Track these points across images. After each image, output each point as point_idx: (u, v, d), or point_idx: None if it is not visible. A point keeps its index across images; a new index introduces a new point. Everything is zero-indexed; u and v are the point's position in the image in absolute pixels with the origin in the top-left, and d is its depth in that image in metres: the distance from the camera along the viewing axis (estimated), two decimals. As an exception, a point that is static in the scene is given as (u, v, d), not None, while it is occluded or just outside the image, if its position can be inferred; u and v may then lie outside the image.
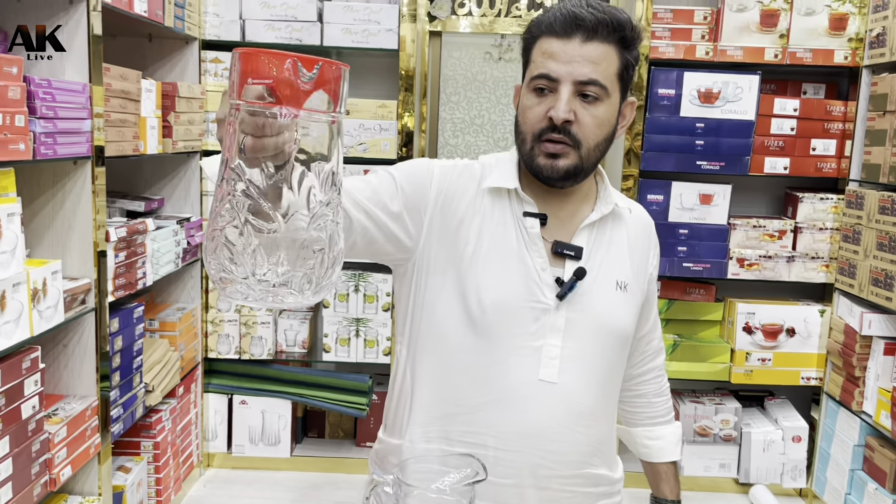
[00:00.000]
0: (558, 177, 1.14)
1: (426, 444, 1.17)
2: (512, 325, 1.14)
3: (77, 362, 2.11)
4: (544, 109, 1.11)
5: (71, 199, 2.05)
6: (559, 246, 1.18)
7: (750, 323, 3.06)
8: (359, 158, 3.02)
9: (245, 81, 0.70)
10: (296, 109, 0.70)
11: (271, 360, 3.16)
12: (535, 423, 1.13)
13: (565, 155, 1.12)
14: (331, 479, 3.13)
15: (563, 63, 1.10)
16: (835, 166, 2.99)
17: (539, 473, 1.14)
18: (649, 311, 1.33)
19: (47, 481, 1.87)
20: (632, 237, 1.25)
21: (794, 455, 3.09)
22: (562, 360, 1.14)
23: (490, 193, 1.19)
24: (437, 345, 1.17)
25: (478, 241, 1.16)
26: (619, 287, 1.20)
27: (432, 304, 1.18)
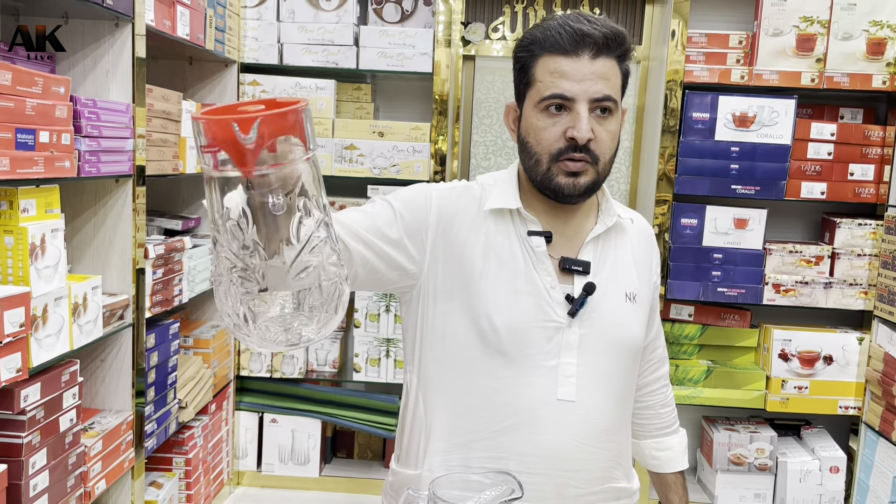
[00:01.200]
0: (579, 194, 1.14)
1: (446, 470, 1.15)
2: (525, 346, 1.13)
3: (114, 377, 2.14)
4: (561, 130, 1.11)
5: (112, 217, 2.09)
6: (566, 262, 1.16)
7: (786, 350, 3.00)
8: (392, 180, 3.05)
9: (202, 147, 0.71)
10: (245, 170, 0.71)
11: (302, 378, 3.18)
12: (557, 444, 1.12)
13: (585, 172, 1.12)
14: (358, 500, 3.12)
15: (577, 82, 1.09)
16: (873, 191, 2.95)
17: (564, 493, 1.14)
18: (653, 320, 1.32)
19: (82, 494, 1.89)
20: (635, 247, 1.25)
21: (832, 486, 3.02)
22: (578, 378, 1.14)
23: (492, 214, 1.18)
24: (450, 370, 1.16)
25: (484, 263, 1.15)
26: (628, 298, 1.20)
27: (442, 329, 1.16)
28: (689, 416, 3.27)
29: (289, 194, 0.75)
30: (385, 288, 1.18)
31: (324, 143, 3.02)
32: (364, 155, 3.02)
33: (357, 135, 3.02)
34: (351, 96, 3.15)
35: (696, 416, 3.30)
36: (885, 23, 2.87)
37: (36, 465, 1.69)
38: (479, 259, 1.15)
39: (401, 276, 1.16)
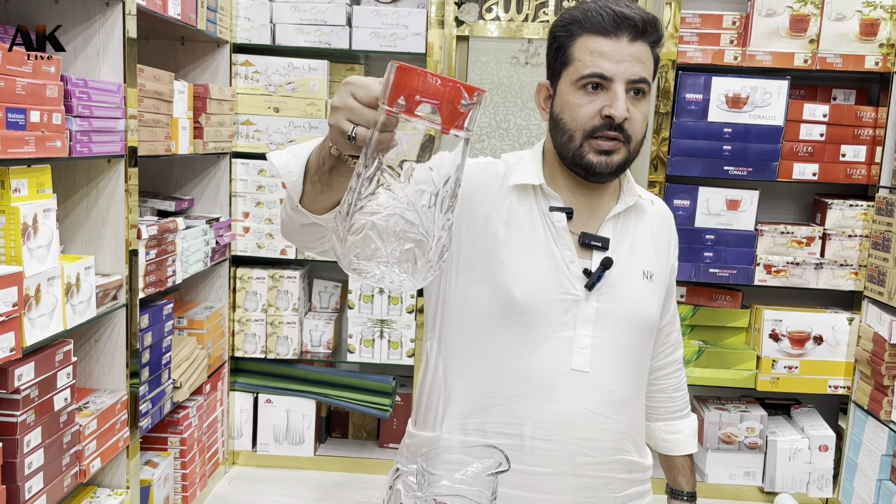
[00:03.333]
0: (610, 172, 1.17)
1: (463, 435, 1.19)
2: (543, 317, 1.16)
3: (108, 357, 2.15)
4: (597, 108, 1.14)
5: (104, 197, 2.10)
6: (586, 237, 1.20)
7: (777, 330, 3.03)
8: (385, 161, 3.05)
9: (410, 95, 0.79)
10: (453, 129, 0.81)
11: (296, 359, 3.20)
12: (570, 412, 1.16)
13: (617, 151, 1.15)
14: (353, 479, 3.15)
15: (616, 62, 1.13)
16: (865, 173, 2.96)
17: (576, 461, 1.17)
18: (669, 303, 1.34)
19: (77, 472, 1.91)
20: (654, 228, 1.28)
21: (821, 464, 3.05)
22: (593, 350, 1.17)
23: (516, 190, 1.22)
24: (470, 338, 1.20)
25: (507, 236, 1.19)
26: (645, 277, 1.23)
27: (464, 298, 1.20)
28: (680, 395, 3.30)
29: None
30: None
31: (317, 125, 3.02)
32: (357, 136, 3.01)
33: (350, 116, 3.01)
34: (344, 77, 3.14)
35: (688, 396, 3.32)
36: (878, 3, 2.87)
37: (31, 444, 1.70)
38: (502, 232, 1.19)
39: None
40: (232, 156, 3.01)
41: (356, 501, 2.96)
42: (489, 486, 0.92)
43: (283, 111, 3.02)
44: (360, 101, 0.87)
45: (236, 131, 3.02)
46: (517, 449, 1.15)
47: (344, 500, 2.97)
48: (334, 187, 0.99)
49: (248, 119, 3.02)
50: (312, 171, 1.00)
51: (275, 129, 3.02)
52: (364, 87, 0.87)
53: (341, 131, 0.87)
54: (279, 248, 3.10)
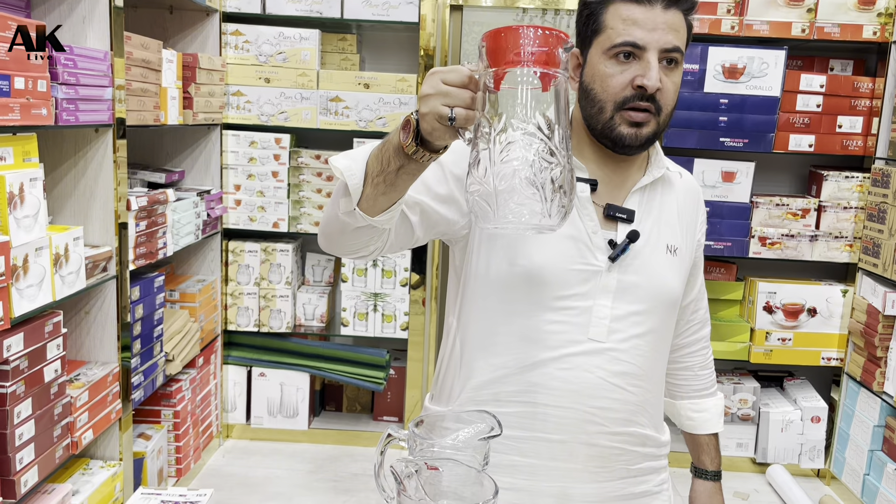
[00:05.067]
0: (639, 144, 1.14)
1: (475, 406, 1.19)
2: (563, 287, 1.15)
3: (98, 329, 2.13)
4: (629, 77, 1.10)
5: (93, 167, 2.07)
6: (611, 209, 1.18)
7: (771, 302, 3.03)
8: (379, 133, 3.02)
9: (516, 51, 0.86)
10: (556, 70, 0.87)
11: (290, 333, 3.19)
12: (583, 380, 1.15)
13: (647, 123, 1.12)
14: (348, 451, 3.16)
15: (649, 31, 1.09)
16: (861, 144, 2.94)
17: (587, 429, 1.16)
18: (695, 279, 1.32)
19: (69, 444, 1.90)
20: (681, 202, 1.25)
21: (813, 435, 3.07)
22: (611, 321, 1.16)
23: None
24: (488, 310, 1.19)
25: None
26: (669, 251, 1.21)
27: (485, 270, 1.19)
28: (674, 368, 3.31)
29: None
30: (439, 237, 1.22)
31: (308, 95, 2.98)
32: (350, 107, 2.98)
33: (342, 86, 2.98)
34: (336, 47, 3.09)
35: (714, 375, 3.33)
36: (878, -28, 2.83)
37: (21, 415, 1.69)
38: None
39: (452, 228, 1.19)
40: (223, 127, 2.97)
41: (350, 473, 2.97)
42: (481, 451, 0.91)
43: (274, 81, 2.98)
44: (452, 84, 0.89)
45: (227, 102, 2.98)
46: (530, 416, 1.15)
47: (338, 473, 2.98)
48: (398, 187, 1.00)
49: (238, 90, 2.98)
50: (374, 173, 1.00)
51: (266, 100, 2.98)
52: (452, 70, 0.90)
53: (440, 116, 0.89)
54: (271, 220, 3.07)
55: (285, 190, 3.06)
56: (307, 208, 3.08)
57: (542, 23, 3.25)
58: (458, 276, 1.25)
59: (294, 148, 3.08)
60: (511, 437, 1.14)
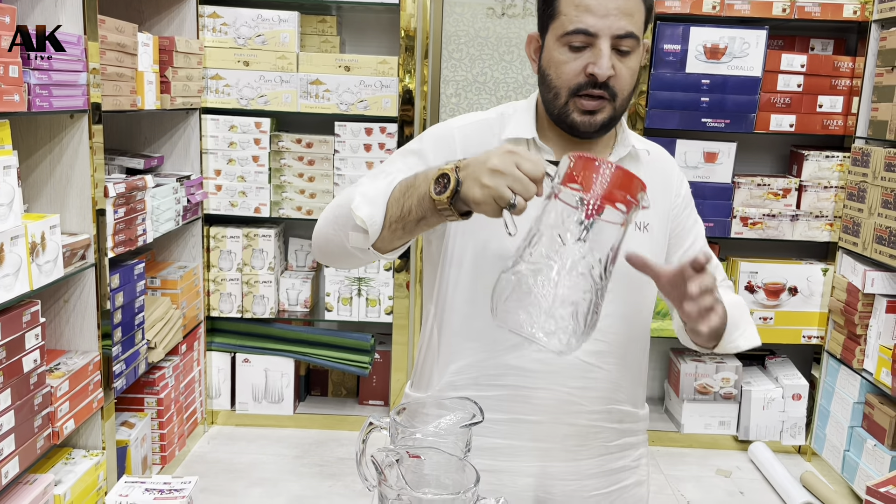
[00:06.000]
0: (595, 130, 1.14)
1: (454, 391, 1.20)
2: None
3: (78, 318, 2.11)
4: (581, 65, 1.10)
5: (68, 154, 2.03)
6: None
7: (752, 282, 3.05)
8: (360, 116, 2.99)
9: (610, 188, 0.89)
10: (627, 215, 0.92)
11: (273, 318, 3.17)
12: (559, 362, 1.15)
13: (601, 110, 1.12)
14: (333, 436, 3.16)
15: (601, 17, 1.08)
16: (841, 123, 2.96)
17: (567, 409, 1.17)
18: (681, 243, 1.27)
19: (50, 434, 1.89)
20: (650, 179, 1.22)
21: (794, 413, 3.11)
22: None
23: (509, 144, 1.19)
24: (463, 295, 1.20)
25: None
26: (638, 228, 1.20)
27: (460, 257, 1.20)
28: (656, 348, 3.33)
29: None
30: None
31: (288, 79, 2.95)
32: (330, 90, 2.95)
33: (322, 69, 2.94)
34: (315, 29, 3.06)
35: (664, 348, 3.36)
36: (858, -50, 2.83)
37: (0, 406, 1.67)
38: None
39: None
40: (202, 111, 2.93)
41: (337, 458, 2.97)
42: (462, 438, 0.91)
43: (254, 65, 2.94)
44: (528, 173, 0.91)
45: (205, 86, 2.94)
46: (509, 399, 1.15)
47: (324, 457, 2.98)
48: (414, 233, 1.04)
49: (217, 73, 2.94)
50: (393, 218, 1.02)
51: (245, 84, 2.94)
52: (532, 161, 0.91)
53: (501, 197, 0.90)
54: (252, 206, 3.05)
55: (266, 174, 3.03)
56: (289, 193, 3.05)
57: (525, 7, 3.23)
58: (434, 266, 1.25)
59: (275, 132, 3.04)
60: (491, 419, 1.14)
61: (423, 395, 1.26)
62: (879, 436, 2.64)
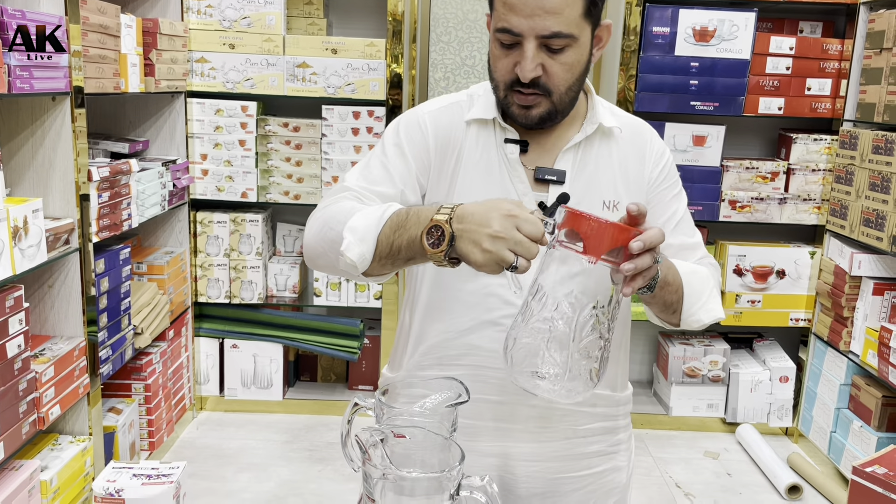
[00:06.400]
0: (533, 124, 1.14)
1: (420, 371, 1.21)
2: None
3: (63, 303, 2.09)
4: (511, 63, 1.09)
5: (51, 137, 2.00)
6: (540, 171, 1.17)
7: (741, 265, 3.06)
8: (347, 99, 2.97)
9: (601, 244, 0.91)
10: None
11: (262, 304, 3.16)
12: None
13: (537, 105, 1.11)
14: (323, 420, 3.16)
15: (525, 17, 1.04)
16: (829, 106, 2.96)
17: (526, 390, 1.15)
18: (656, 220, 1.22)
19: (36, 420, 1.87)
20: (623, 153, 1.22)
21: (781, 395, 3.13)
22: None
23: (475, 124, 1.20)
24: (429, 279, 1.21)
25: (463, 172, 1.18)
26: (606, 207, 1.19)
27: None
28: (645, 331, 3.34)
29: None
30: None
31: (275, 62, 2.92)
32: (317, 73, 2.93)
33: (309, 52, 2.91)
34: (302, 11, 3.02)
35: (653, 332, 3.37)
36: (847, -68, 2.82)
37: (-16, 392, 1.66)
38: (460, 168, 1.18)
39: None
40: (187, 95, 2.90)
41: (326, 442, 2.97)
42: (448, 418, 0.90)
43: (239, 47, 2.91)
44: (528, 235, 0.92)
45: (190, 69, 2.90)
46: (471, 379, 1.14)
47: (314, 442, 2.98)
48: (402, 267, 1.06)
49: (202, 56, 2.91)
50: (382, 254, 1.02)
51: (231, 67, 2.91)
52: (530, 222, 0.92)
53: (503, 260, 0.91)
54: (240, 190, 3.02)
55: (253, 159, 3.01)
56: (276, 177, 3.03)
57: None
58: None
59: (261, 116, 3.02)
60: None
61: (393, 375, 1.28)
62: (866, 417, 2.67)
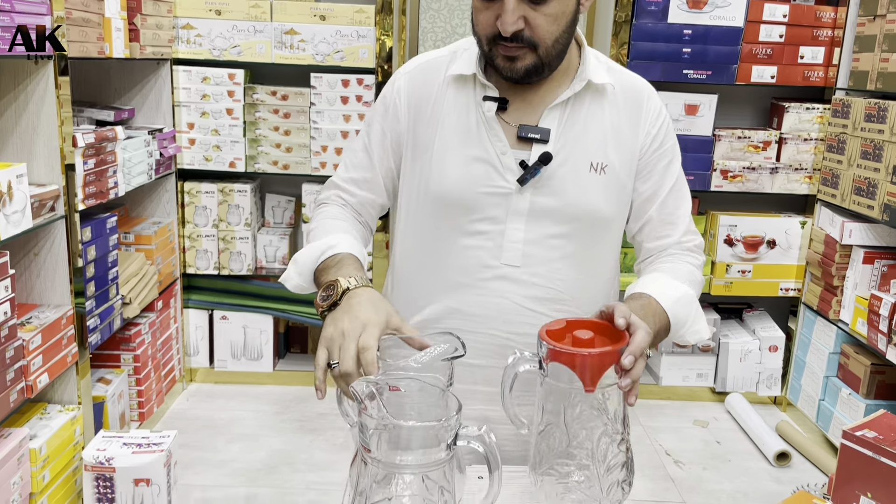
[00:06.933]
0: (519, 77, 1.11)
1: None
2: (473, 210, 1.14)
3: (49, 271, 2.06)
4: (492, 16, 1.07)
5: (34, 102, 1.96)
6: (524, 129, 1.14)
7: (731, 235, 3.06)
8: (337, 67, 2.93)
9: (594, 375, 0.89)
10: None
11: (251, 275, 3.13)
12: (498, 306, 1.15)
13: (522, 57, 1.09)
14: (313, 392, 3.14)
15: None
16: (822, 75, 2.94)
17: (505, 354, 1.13)
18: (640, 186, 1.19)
19: (24, 388, 1.85)
20: (616, 114, 1.17)
21: (771, 364, 3.15)
22: (525, 245, 1.14)
23: (455, 81, 1.18)
24: (411, 238, 1.21)
25: (441, 130, 1.16)
26: (593, 169, 1.14)
27: (407, 201, 1.21)
28: (636, 302, 3.34)
29: None
30: None
31: (262, 28, 2.87)
32: (305, 40, 2.88)
33: (297, 18, 2.86)
34: (290, -23, 2.97)
35: (644, 303, 3.37)
36: None
37: (-30, 358, 1.63)
38: (438, 126, 1.16)
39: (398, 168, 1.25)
40: (173, 62, 2.85)
41: (317, 413, 2.97)
42: (444, 371, 0.89)
43: (226, 14, 2.85)
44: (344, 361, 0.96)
45: (176, 36, 2.85)
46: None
47: (305, 413, 2.97)
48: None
49: (188, 23, 2.85)
50: (321, 285, 1.10)
51: (217, 34, 2.86)
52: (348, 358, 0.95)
53: (329, 353, 0.98)
54: (227, 160, 2.98)
55: (241, 128, 2.97)
56: (265, 147, 2.99)
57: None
58: (396, 211, 1.27)
59: (249, 84, 2.97)
60: None
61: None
62: (854, 385, 2.69)
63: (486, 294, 1.14)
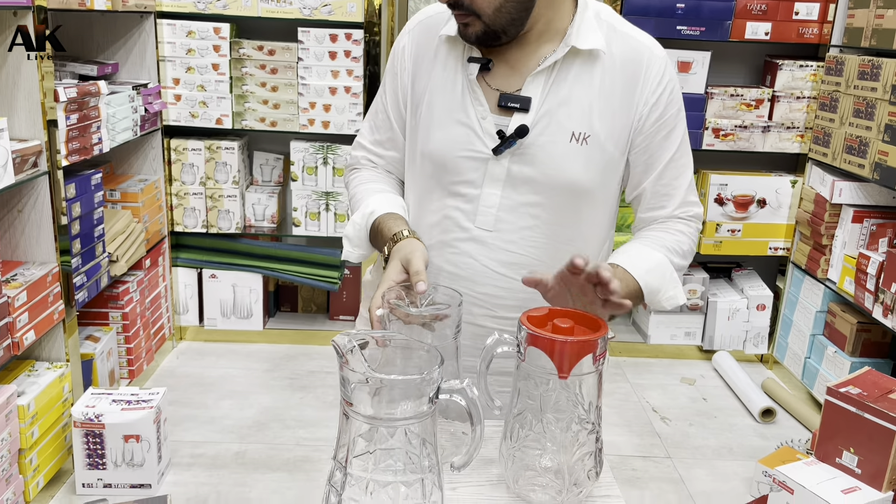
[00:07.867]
0: (475, 42, 1.10)
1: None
2: (455, 173, 1.14)
3: (34, 228, 2.04)
4: None
5: (14, 56, 1.92)
6: (504, 98, 1.11)
7: (722, 194, 3.05)
8: (324, 21, 2.87)
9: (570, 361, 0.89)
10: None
11: (240, 234, 3.12)
12: (469, 267, 1.16)
13: (471, 24, 1.08)
14: (304, 350, 3.16)
15: None
16: (816, 31, 2.91)
17: (473, 311, 1.17)
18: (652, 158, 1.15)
19: (10, 345, 1.84)
20: (609, 82, 1.10)
21: (758, 322, 3.17)
22: (499, 210, 1.13)
23: (447, 41, 1.17)
24: (411, 192, 1.24)
25: (431, 89, 1.16)
26: (575, 139, 1.10)
27: (409, 155, 1.24)
28: (626, 261, 3.34)
29: None
30: None
31: (248, -19, 2.80)
32: (292, -6, 2.82)
33: (284, -29, 2.80)
34: (276, -72, 2.89)
35: (634, 262, 3.37)
36: None
37: (-46, 315, 1.62)
38: (428, 86, 1.17)
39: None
40: (157, 16, 2.78)
41: (307, 371, 2.98)
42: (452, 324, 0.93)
43: (211, -34, 2.78)
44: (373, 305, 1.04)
45: (160, -12, 2.78)
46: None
47: (295, 370, 2.98)
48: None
49: (171, -25, 2.78)
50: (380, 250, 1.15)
51: (202, -14, 2.79)
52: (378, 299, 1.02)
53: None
54: (214, 116, 2.94)
55: (227, 84, 2.92)
56: (252, 103, 2.95)
57: None
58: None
59: (235, 38, 2.91)
60: None
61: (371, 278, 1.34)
62: (840, 343, 2.71)
63: (458, 254, 1.16)
